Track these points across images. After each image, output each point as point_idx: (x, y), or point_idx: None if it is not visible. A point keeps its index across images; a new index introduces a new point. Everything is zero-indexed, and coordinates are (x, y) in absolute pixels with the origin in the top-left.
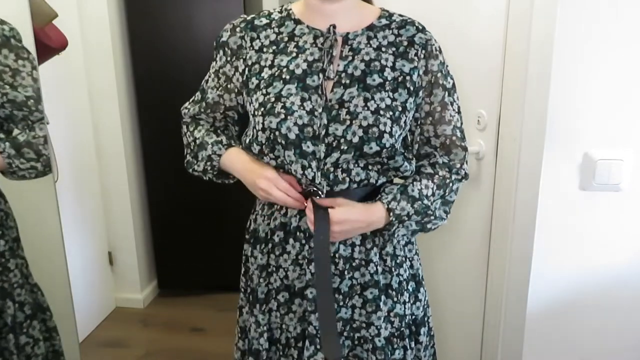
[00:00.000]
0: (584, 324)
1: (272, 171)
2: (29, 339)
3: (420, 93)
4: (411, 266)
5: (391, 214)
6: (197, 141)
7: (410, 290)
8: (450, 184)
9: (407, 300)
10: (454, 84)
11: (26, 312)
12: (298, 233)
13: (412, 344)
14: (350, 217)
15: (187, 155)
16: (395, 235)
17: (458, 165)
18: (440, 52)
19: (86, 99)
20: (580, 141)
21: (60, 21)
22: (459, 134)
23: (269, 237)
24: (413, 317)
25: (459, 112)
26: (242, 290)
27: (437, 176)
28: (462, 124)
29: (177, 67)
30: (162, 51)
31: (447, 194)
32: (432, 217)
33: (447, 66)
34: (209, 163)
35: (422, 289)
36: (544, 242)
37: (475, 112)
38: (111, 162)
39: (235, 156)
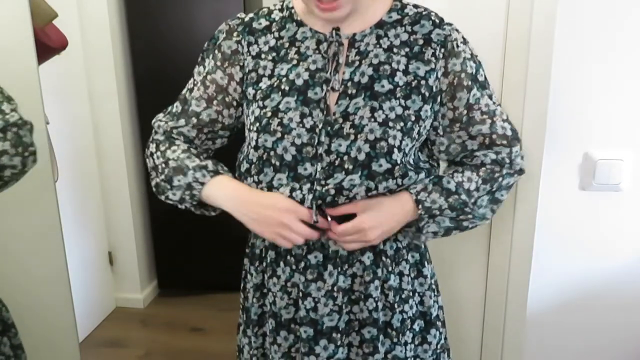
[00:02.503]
0: (585, 324)
1: (285, 199)
2: (1, 357)
3: (439, 98)
4: (421, 302)
5: (420, 206)
6: (171, 163)
7: (417, 329)
8: (500, 179)
9: (409, 341)
10: (484, 76)
11: None
12: (288, 257)
13: None
14: (382, 219)
15: (156, 179)
16: (424, 232)
17: (507, 161)
18: (465, 43)
19: (86, 99)
20: (580, 141)
21: (60, 21)
22: (499, 129)
23: (263, 255)
24: None
25: (495, 103)
26: (240, 306)
27: (483, 168)
28: (503, 114)
29: (177, 66)
30: (162, 51)
31: (495, 189)
32: (471, 216)
33: (474, 58)
34: (187, 192)
35: (434, 331)
36: (544, 242)
37: None
38: (111, 162)
39: (226, 185)
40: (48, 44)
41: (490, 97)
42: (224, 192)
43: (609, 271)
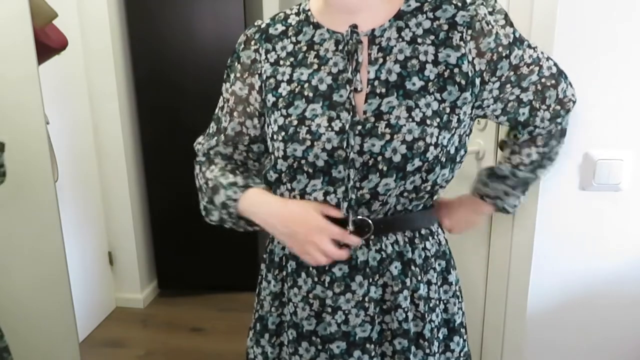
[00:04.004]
0: (585, 323)
1: (317, 217)
2: None
3: (477, 81)
4: (445, 310)
5: (488, 199)
6: (210, 183)
7: (441, 337)
8: (560, 128)
9: (436, 350)
10: (517, 32)
11: None
12: (310, 269)
13: None
14: (462, 225)
15: (202, 201)
16: (510, 210)
17: (559, 107)
18: (493, 13)
19: (86, 99)
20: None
21: (60, 21)
22: (546, 71)
23: (283, 263)
24: None
25: (535, 49)
26: (254, 311)
27: (540, 137)
28: (543, 53)
29: (177, 67)
30: (162, 52)
31: (561, 137)
32: (536, 177)
33: (505, 25)
34: (224, 211)
35: (457, 338)
36: (544, 242)
37: None
38: (111, 162)
39: (257, 199)
40: (48, 44)
41: (529, 46)
42: (256, 208)
43: (609, 271)
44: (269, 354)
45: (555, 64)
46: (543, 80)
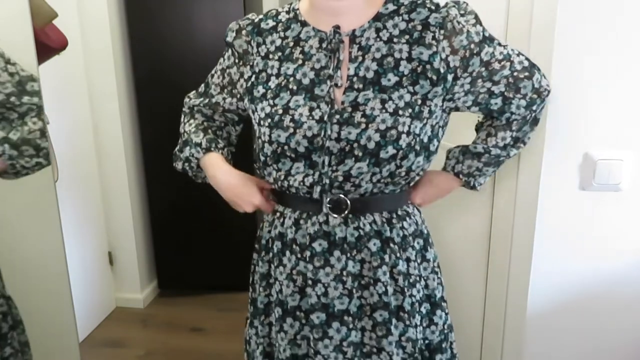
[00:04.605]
0: (585, 324)
1: (250, 191)
2: (12, 350)
3: (449, 77)
4: (426, 286)
5: (460, 175)
6: (184, 136)
7: (424, 312)
8: (534, 114)
9: (418, 323)
10: (487, 31)
11: (9, 322)
12: (294, 246)
13: None
14: (432, 201)
15: (176, 148)
16: (478, 187)
17: (535, 96)
18: (464, 14)
19: (86, 99)
20: (580, 141)
21: (60, 21)
22: (517, 65)
23: (269, 245)
24: (426, 342)
25: (505, 46)
26: (249, 300)
27: (515, 121)
28: (514, 50)
29: (177, 67)
30: (162, 52)
31: (533, 120)
32: (508, 155)
33: (475, 24)
34: (187, 164)
35: (439, 312)
36: (544, 241)
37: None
38: (111, 162)
39: (215, 166)
40: (48, 44)
41: (499, 44)
42: (209, 171)
43: (609, 271)
44: (260, 332)
45: (527, 59)
46: (515, 73)
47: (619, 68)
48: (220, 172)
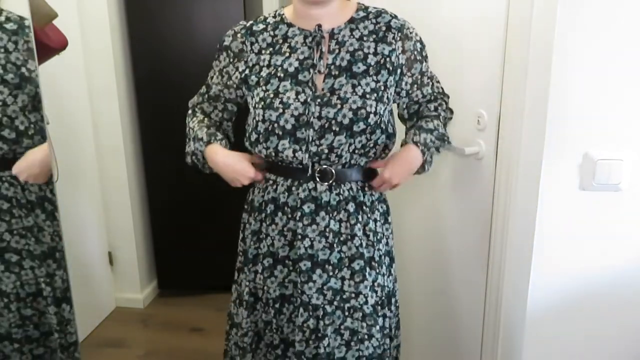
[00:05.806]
0: (584, 324)
1: (244, 167)
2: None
3: (399, 71)
4: (387, 243)
5: (419, 144)
6: (191, 132)
7: (386, 263)
8: (447, 119)
9: (385, 272)
10: (426, 54)
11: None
12: (286, 208)
13: (388, 312)
14: (397, 171)
15: (186, 145)
16: (427, 168)
17: (445, 108)
18: (413, 31)
19: (86, 99)
20: (580, 141)
21: (60, 21)
22: (436, 88)
23: (262, 207)
24: (388, 289)
25: (432, 72)
26: (239, 253)
27: (441, 116)
28: (436, 78)
29: (177, 67)
30: (162, 51)
31: (444, 127)
32: (445, 142)
33: (420, 41)
34: (194, 157)
35: (394, 265)
36: (544, 242)
37: (475, 112)
38: (111, 162)
39: (214, 153)
40: (48, 44)
41: (427, 68)
42: (211, 160)
43: (609, 271)
44: (247, 276)
45: (441, 87)
46: (435, 93)
47: (619, 68)
48: (217, 156)
